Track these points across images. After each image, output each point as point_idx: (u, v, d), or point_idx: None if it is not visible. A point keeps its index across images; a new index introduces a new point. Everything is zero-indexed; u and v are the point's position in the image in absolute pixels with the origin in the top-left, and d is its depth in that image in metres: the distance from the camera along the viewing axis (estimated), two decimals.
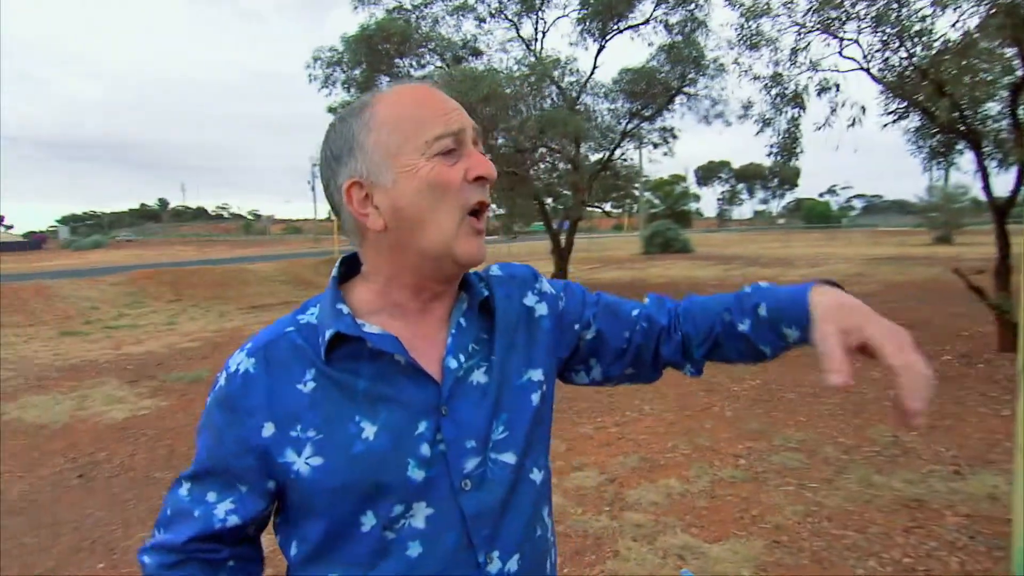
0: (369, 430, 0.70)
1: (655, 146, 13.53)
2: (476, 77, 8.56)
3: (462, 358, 0.77)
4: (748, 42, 7.09)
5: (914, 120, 6.96)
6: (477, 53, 11.67)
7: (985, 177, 6.32)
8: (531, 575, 0.78)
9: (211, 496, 0.75)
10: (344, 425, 0.70)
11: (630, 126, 12.08)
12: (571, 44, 11.32)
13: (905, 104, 6.63)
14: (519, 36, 10.99)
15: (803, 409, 4.89)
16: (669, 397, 5.31)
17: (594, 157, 12.54)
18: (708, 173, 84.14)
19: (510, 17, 10.76)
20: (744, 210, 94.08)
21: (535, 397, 0.82)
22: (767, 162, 9.77)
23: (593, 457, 3.99)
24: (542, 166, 12.15)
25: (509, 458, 0.77)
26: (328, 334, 0.72)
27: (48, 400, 5.95)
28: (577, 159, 10.73)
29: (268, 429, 0.71)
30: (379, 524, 0.71)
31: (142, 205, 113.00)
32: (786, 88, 6.94)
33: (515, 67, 10.63)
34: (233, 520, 0.74)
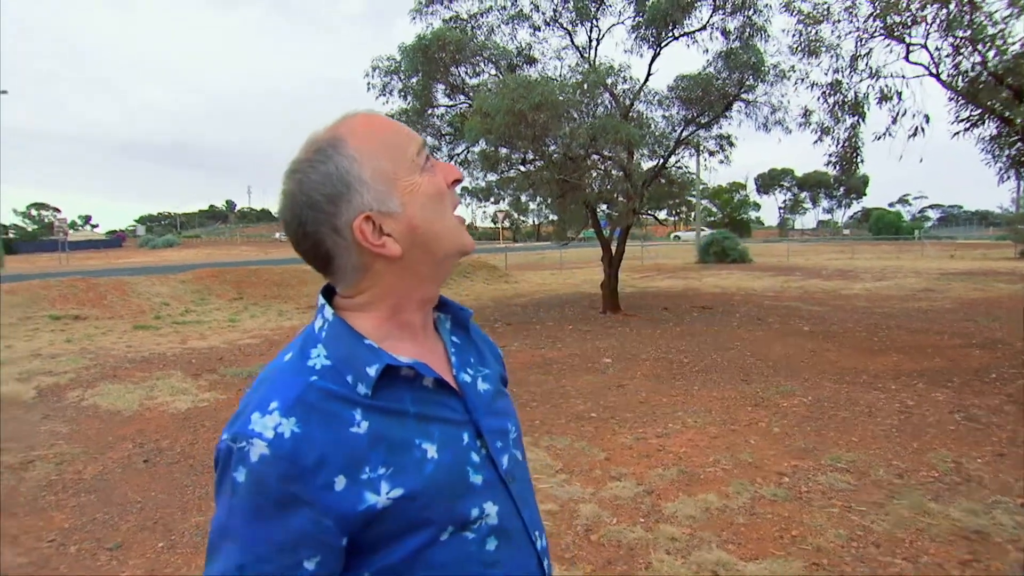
0: (431, 450, 0.74)
1: (711, 154, 13.25)
2: (529, 84, 8.63)
3: (470, 371, 0.85)
4: (807, 48, 6.87)
5: (990, 128, 6.58)
6: (532, 61, 11.75)
7: None
8: (548, 551, 0.89)
9: None
10: (410, 451, 0.72)
11: (685, 133, 11.89)
12: (626, 52, 11.21)
13: (979, 111, 6.27)
14: (573, 44, 11.01)
15: (857, 429, 4.70)
16: (714, 411, 5.20)
17: (648, 165, 12.42)
18: (769, 181, 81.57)
19: (565, 25, 10.80)
20: (807, 220, 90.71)
21: (511, 402, 0.93)
22: (832, 170, 9.44)
23: (632, 468, 3.96)
24: (594, 174, 12.12)
25: (519, 455, 0.88)
26: (377, 369, 0.72)
27: (121, 389, 6.35)
28: (629, 166, 10.64)
29: (340, 483, 0.68)
30: (459, 529, 0.74)
31: (211, 206, 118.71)
32: (845, 96, 6.67)
33: (569, 75, 10.67)
34: None
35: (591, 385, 6.13)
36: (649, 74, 10.98)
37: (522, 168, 11.61)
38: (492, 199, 15.29)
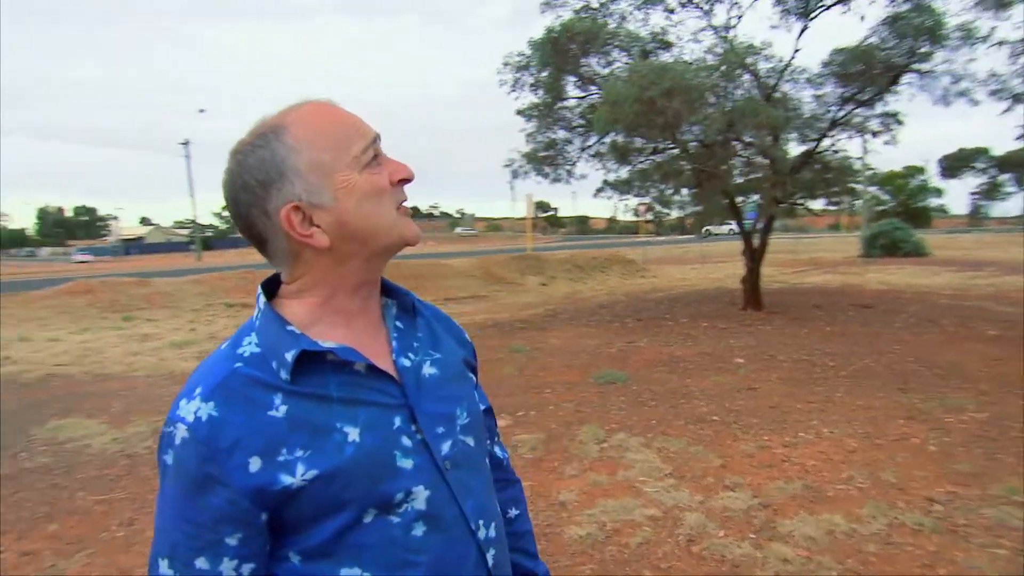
0: (353, 433, 0.74)
1: (874, 134, 11.80)
2: (659, 70, 8.24)
3: (411, 356, 0.84)
4: (995, 2, 5.82)
5: None
6: (667, 46, 11.22)
7: None
8: (501, 540, 0.87)
9: (202, 562, 0.70)
10: (329, 435, 0.73)
11: (841, 113, 10.68)
12: (772, 28, 10.30)
13: None
14: (710, 25, 10.35)
15: None
16: (857, 421, 4.62)
17: (798, 150, 11.36)
18: (957, 163, 70.81)
19: (701, 5, 10.17)
20: (1010, 206, 77.56)
21: (473, 386, 0.94)
22: None
23: (749, 477, 3.63)
24: (735, 161, 11.33)
25: (471, 441, 0.86)
26: (293, 354, 0.73)
27: None
28: (773, 152, 9.79)
29: (255, 464, 0.69)
30: (382, 512, 0.75)
31: None
32: None
33: (706, 57, 10.05)
34: (249, 569, 0.72)
35: (718, 386, 5.75)
36: (796, 50, 10.02)
37: (654, 158, 11.18)
38: (634, 192, 14.84)
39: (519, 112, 11.83)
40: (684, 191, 12.16)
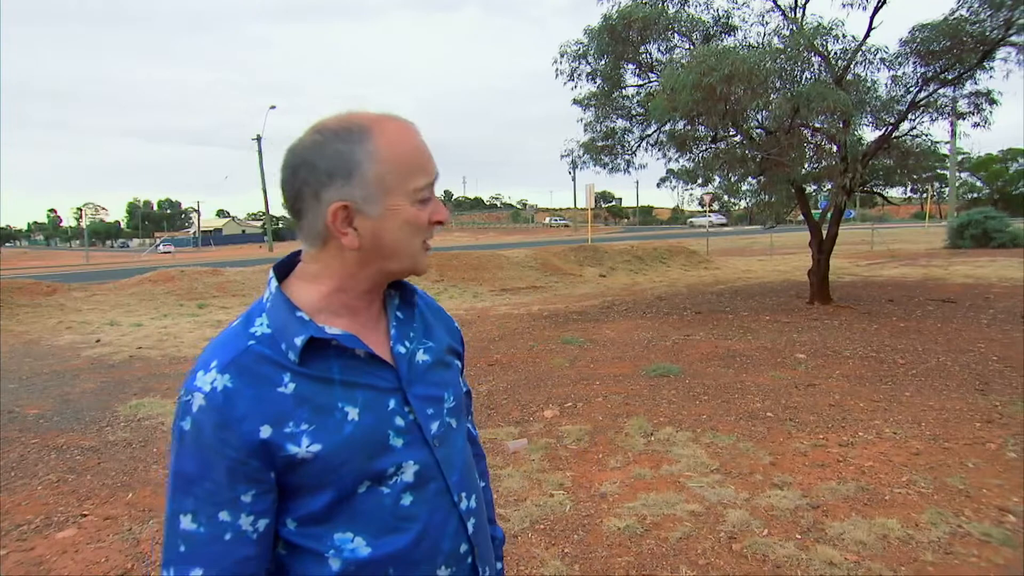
0: (353, 413, 0.82)
1: (962, 116, 10.97)
2: (719, 54, 7.94)
3: (407, 343, 0.91)
4: None
5: None
6: (731, 30, 10.78)
7: None
8: (480, 511, 0.96)
9: (224, 515, 0.77)
10: (332, 413, 0.81)
11: (922, 94, 9.98)
12: (844, 5, 9.68)
13: None
14: (777, 5, 9.85)
15: None
16: (925, 423, 4.34)
17: (873, 135, 10.71)
18: None
19: None
20: None
21: (459, 372, 1.02)
22: None
23: (800, 477, 3.49)
24: (803, 149, 10.80)
25: (454, 422, 0.95)
26: (302, 339, 0.80)
27: None
28: (843, 138, 9.26)
29: (265, 431, 0.77)
30: (375, 484, 0.83)
31: None
32: None
33: (772, 39, 9.60)
34: (264, 524, 0.79)
35: (775, 382, 5.54)
36: (871, 28, 9.43)
37: (715, 147, 10.81)
38: (700, 181, 14.37)
39: (576, 101, 11.70)
40: (750, 180, 11.73)
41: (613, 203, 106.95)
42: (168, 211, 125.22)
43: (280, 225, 64.02)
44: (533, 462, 3.89)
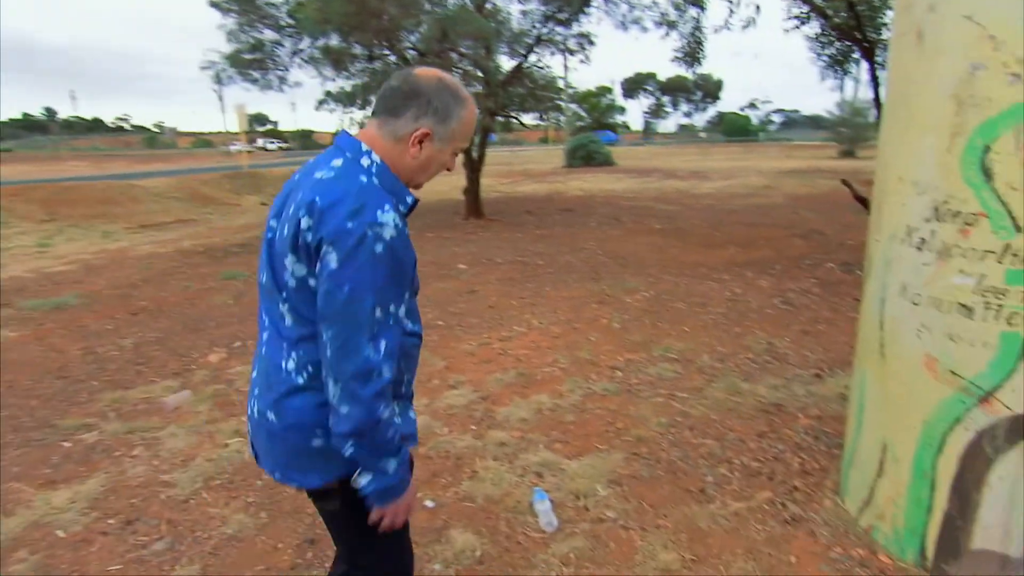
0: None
1: (571, 53, 12.98)
2: None
3: None
4: None
5: (815, 26, 6.83)
6: None
7: (876, 88, 6.34)
8: None
9: (393, 308, 1.13)
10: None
11: (545, 30, 11.44)
12: None
13: (807, 8, 6.45)
14: None
15: (689, 319, 4.96)
16: (560, 310, 5.26)
17: (509, 65, 11.91)
18: (634, 85, 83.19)
19: None
20: (669, 124, 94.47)
21: None
22: (680, 67, 9.54)
23: (470, 375, 3.89)
24: (454, 73, 11.44)
25: None
26: (411, 201, 1.24)
27: None
28: (487, 65, 10.10)
29: (414, 250, 1.19)
30: (413, 295, 1.29)
31: (25, 115, 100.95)
32: None
33: None
34: (403, 310, 1.17)
35: (442, 293, 5.97)
36: None
37: (371, 66, 10.66)
38: (358, 105, 14.02)
39: (213, 3, 10.09)
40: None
41: (269, 126, 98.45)
42: None
43: None
44: (200, 414, 3.46)
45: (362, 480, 1.16)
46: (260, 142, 67.82)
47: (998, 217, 1.73)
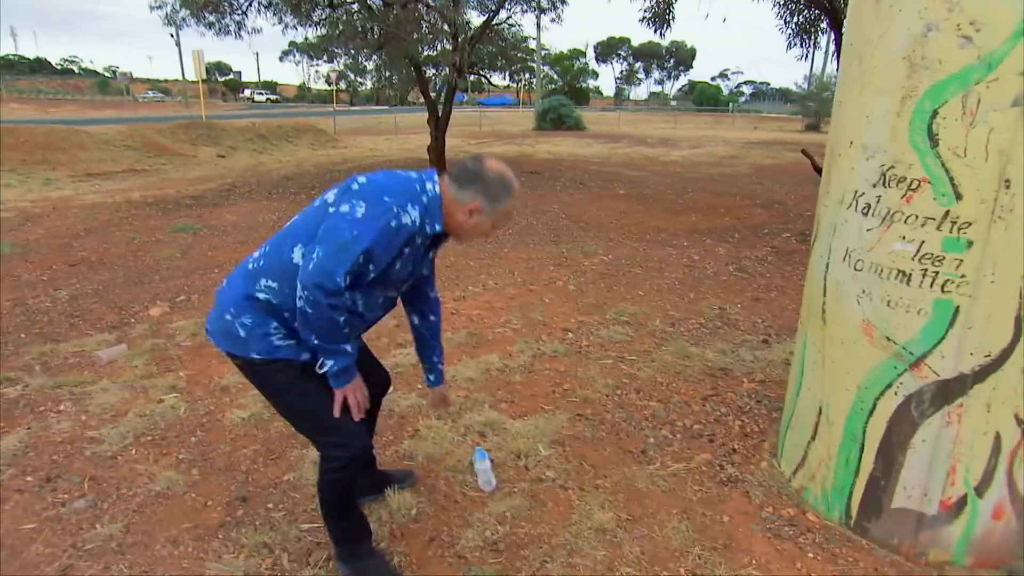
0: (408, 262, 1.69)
1: (543, 11, 12.65)
2: None
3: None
4: None
5: None
6: None
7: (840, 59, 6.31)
8: None
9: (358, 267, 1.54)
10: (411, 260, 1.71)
11: None
12: None
13: None
14: None
15: (645, 284, 4.96)
16: (517, 272, 5.20)
17: (480, 21, 11.54)
18: (607, 50, 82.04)
19: None
20: (641, 91, 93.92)
21: None
22: (647, 28, 9.40)
23: None
24: (422, 25, 11.02)
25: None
26: (440, 228, 1.65)
27: None
28: (455, 19, 9.76)
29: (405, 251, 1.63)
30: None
31: None
32: None
33: None
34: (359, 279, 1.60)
35: None
36: None
37: (333, 13, 10.19)
38: (324, 57, 13.54)
39: None
40: (374, 58, 11.52)
41: (231, 76, 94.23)
42: None
43: None
44: (135, 369, 3.32)
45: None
46: (247, 92, 68.48)
47: (940, 183, 1.71)
